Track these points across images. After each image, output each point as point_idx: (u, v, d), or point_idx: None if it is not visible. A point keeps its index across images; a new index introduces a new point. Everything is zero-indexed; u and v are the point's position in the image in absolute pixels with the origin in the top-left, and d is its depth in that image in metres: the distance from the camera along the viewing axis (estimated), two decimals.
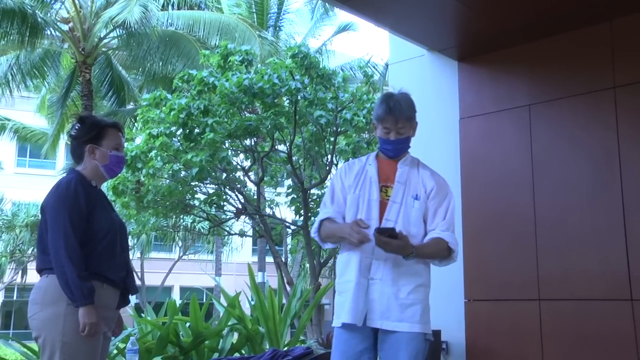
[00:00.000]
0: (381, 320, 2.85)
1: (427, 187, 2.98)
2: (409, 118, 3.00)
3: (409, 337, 2.83)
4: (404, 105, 2.98)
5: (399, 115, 2.96)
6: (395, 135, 2.98)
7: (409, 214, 2.93)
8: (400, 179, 2.98)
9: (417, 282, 2.89)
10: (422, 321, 2.86)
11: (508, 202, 4.92)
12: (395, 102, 2.97)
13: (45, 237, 2.86)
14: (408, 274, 2.87)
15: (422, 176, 3.02)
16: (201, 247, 27.22)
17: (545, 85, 4.92)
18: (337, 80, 9.56)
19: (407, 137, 3.02)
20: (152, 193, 9.77)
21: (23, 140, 22.39)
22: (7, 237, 25.61)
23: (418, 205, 2.94)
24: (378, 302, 2.85)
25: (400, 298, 2.84)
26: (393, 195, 2.95)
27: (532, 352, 4.61)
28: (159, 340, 5.33)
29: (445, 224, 2.93)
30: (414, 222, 2.93)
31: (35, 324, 2.83)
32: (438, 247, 2.89)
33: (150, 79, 16.14)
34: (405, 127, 2.99)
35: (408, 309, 2.85)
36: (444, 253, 2.91)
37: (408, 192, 2.96)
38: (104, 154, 3.04)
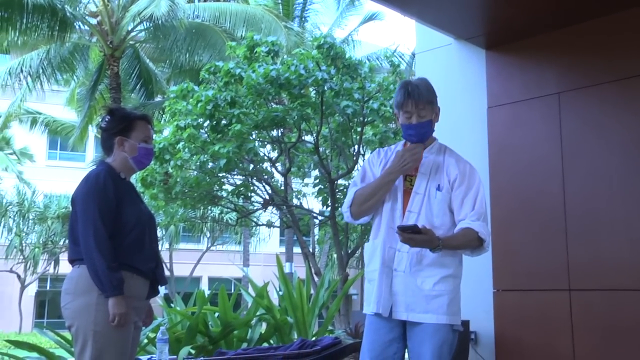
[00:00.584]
0: (407, 312, 2.83)
1: (451, 176, 2.91)
2: (429, 101, 2.93)
3: (435, 328, 2.80)
4: (423, 89, 2.93)
5: (419, 98, 2.90)
6: (417, 119, 2.92)
7: (431, 205, 2.87)
8: (423, 169, 2.93)
9: (443, 273, 2.83)
10: (449, 312, 2.81)
11: (537, 191, 4.87)
12: (414, 86, 2.93)
13: (76, 228, 2.90)
14: (433, 266, 2.83)
15: (447, 165, 2.94)
16: (229, 238, 27.39)
17: (574, 73, 4.85)
18: (364, 70, 9.52)
19: (429, 121, 2.94)
20: (180, 184, 9.84)
21: (54, 133, 22.77)
22: (39, 228, 26.07)
23: (440, 197, 2.88)
24: (403, 295, 2.83)
25: (424, 290, 2.81)
26: (416, 186, 2.91)
27: (563, 343, 4.56)
28: (188, 330, 5.39)
29: (476, 214, 2.84)
30: (436, 213, 2.87)
31: (68, 314, 2.88)
32: (467, 238, 2.81)
33: (177, 71, 16.26)
34: (426, 110, 2.92)
35: (434, 300, 2.81)
36: (473, 244, 2.83)
37: (432, 182, 2.91)
38: (133, 146, 3.06)
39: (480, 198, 2.89)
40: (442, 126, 5.68)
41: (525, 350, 4.75)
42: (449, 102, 5.58)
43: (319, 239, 19.43)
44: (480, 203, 2.87)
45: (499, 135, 5.15)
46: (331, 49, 9.23)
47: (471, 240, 2.82)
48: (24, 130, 23.44)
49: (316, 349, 4.37)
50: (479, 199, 2.88)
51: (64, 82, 18.94)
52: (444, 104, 5.64)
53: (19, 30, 13.71)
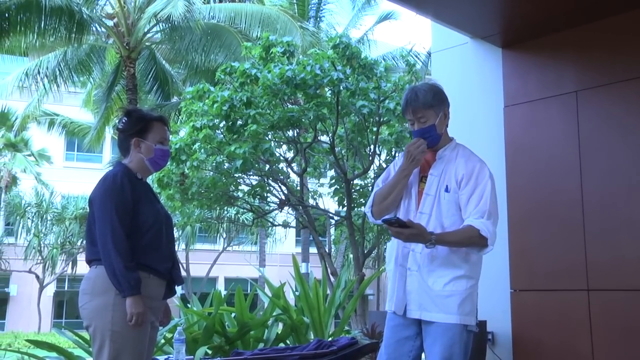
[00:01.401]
0: (420, 311, 2.87)
1: (458, 176, 2.91)
2: (428, 106, 2.94)
3: (445, 327, 2.81)
4: (421, 95, 2.95)
5: (415, 105, 2.93)
6: (418, 125, 2.96)
7: (441, 206, 2.89)
8: (434, 171, 2.96)
9: (454, 274, 2.84)
10: (460, 312, 2.82)
11: (554, 190, 4.83)
12: (413, 93, 2.97)
13: (94, 229, 2.92)
14: (444, 266, 2.84)
15: (457, 165, 2.94)
16: (245, 238, 27.48)
17: (593, 71, 4.81)
18: (379, 70, 9.50)
19: (432, 126, 2.94)
20: (197, 185, 9.88)
21: (71, 134, 22.96)
22: (57, 229, 26.30)
23: (448, 197, 2.89)
24: (416, 294, 2.87)
25: (435, 290, 2.84)
26: (427, 188, 2.94)
27: (581, 344, 4.52)
28: (205, 330, 5.41)
29: (479, 211, 2.83)
30: (445, 213, 2.88)
31: (86, 314, 2.90)
32: (465, 234, 2.80)
33: (193, 72, 16.31)
34: (425, 116, 2.94)
35: (445, 300, 2.82)
36: (474, 240, 2.81)
37: (442, 183, 2.92)
38: (149, 147, 3.08)
39: (487, 196, 2.86)
40: (458, 126, 5.66)
41: (544, 350, 4.72)
42: (465, 101, 5.55)
43: (335, 239, 19.42)
44: (485, 201, 2.86)
45: (515, 135, 5.12)
46: (347, 49, 9.22)
47: (471, 237, 2.81)
48: (41, 132, 23.67)
49: (333, 349, 4.36)
50: (484, 196, 2.86)
51: (80, 84, 19.09)
52: (460, 103, 5.64)
53: (36, 33, 13.83)
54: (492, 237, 2.82)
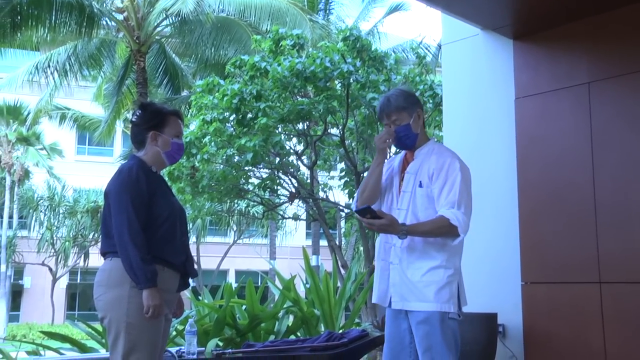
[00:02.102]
0: (402, 302, 3.06)
1: (430, 171, 3.10)
2: (402, 108, 3.17)
3: (423, 315, 2.99)
4: (392, 99, 3.19)
5: (388, 110, 3.18)
6: (393, 127, 3.18)
7: (416, 202, 3.09)
8: (411, 169, 3.16)
9: (431, 264, 3.01)
10: (437, 299, 2.97)
11: (566, 182, 4.81)
12: (385, 99, 3.22)
13: (109, 221, 2.94)
14: (421, 258, 3.03)
15: (430, 162, 3.13)
16: (255, 231, 27.54)
17: (605, 62, 4.77)
18: (389, 62, 9.47)
19: (406, 125, 3.16)
20: (207, 178, 9.90)
21: (82, 128, 23.07)
22: (69, 222, 26.47)
23: (422, 192, 3.09)
24: (398, 286, 3.06)
25: (413, 281, 3.02)
26: (404, 185, 3.16)
27: (593, 337, 4.51)
28: (216, 322, 5.43)
29: (449, 202, 3.00)
30: (420, 208, 3.07)
31: (101, 305, 2.92)
32: (436, 224, 2.98)
33: (203, 65, 16.32)
34: (399, 118, 3.16)
35: (422, 289, 3.00)
36: (444, 230, 2.97)
37: (417, 180, 3.12)
38: (166, 140, 3.10)
39: (457, 187, 3.03)
40: (469, 118, 5.66)
41: (555, 343, 4.71)
42: (475, 93, 5.53)
43: (345, 231, 19.41)
44: (454, 191, 3.02)
45: (527, 127, 5.09)
46: (357, 41, 9.19)
47: (441, 227, 2.97)
48: (53, 126, 23.80)
49: (344, 341, 4.38)
50: (454, 187, 3.03)
51: (91, 77, 19.16)
52: (471, 95, 5.62)
53: (47, 27, 13.89)
54: (462, 225, 2.97)
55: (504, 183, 5.15)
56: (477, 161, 5.19)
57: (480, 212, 5.06)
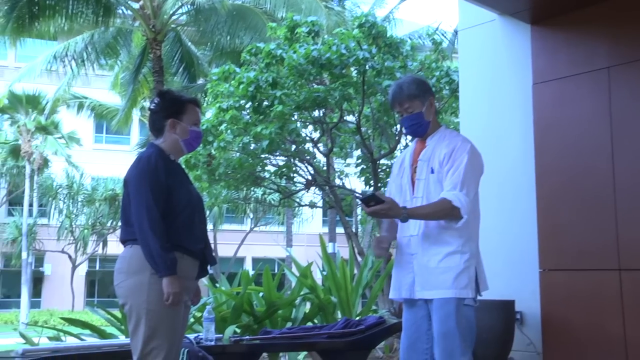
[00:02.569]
0: (422, 291, 3.06)
1: (441, 157, 3.09)
2: (414, 96, 3.16)
3: (441, 302, 2.99)
4: (405, 87, 3.18)
5: (400, 97, 3.17)
6: (405, 115, 3.19)
7: (429, 188, 3.09)
8: (423, 156, 3.18)
9: (447, 250, 3.02)
10: (455, 286, 2.98)
11: (585, 168, 4.76)
12: (397, 86, 3.21)
13: (129, 209, 2.96)
14: (437, 244, 3.03)
15: (441, 147, 3.13)
16: (272, 219, 27.63)
17: (625, 46, 4.70)
18: (405, 48, 9.40)
19: (419, 113, 3.16)
20: (223, 166, 9.91)
21: (99, 117, 23.25)
22: (88, 210, 26.74)
23: (434, 178, 3.09)
24: (418, 275, 3.07)
25: (431, 268, 3.03)
26: (418, 173, 3.16)
27: (613, 324, 4.48)
28: (233, 309, 5.47)
29: (451, 183, 3.01)
30: (434, 194, 3.06)
31: (121, 292, 2.95)
32: (437, 207, 2.98)
33: (219, 53, 16.33)
34: (411, 106, 3.16)
35: (440, 276, 3.00)
36: (447, 212, 2.97)
37: (429, 167, 3.12)
38: (185, 128, 3.11)
39: (462, 168, 3.02)
40: (486, 104, 5.61)
41: (574, 330, 4.68)
42: (492, 79, 5.48)
43: (361, 219, 19.40)
44: (458, 173, 3.02)
45: (544, 113, 5.04)
46: (372, 28, 9.13)
47: (443, 209, 2.98)
48: (71, 115, 23.98)
49: (361, 328, 4.39)
50: (459, 169, 3.03)
51: (108, 66, 19.26)
52: (488, 81, 5.57)
53: (65, 17, 13.96)
54: (465, 206, 2.97)
55: (521, 169, 5.11)
56: (494, 147, 5.16)
57: (498, 198, 5.03)
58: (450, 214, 2.98)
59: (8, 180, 28.14)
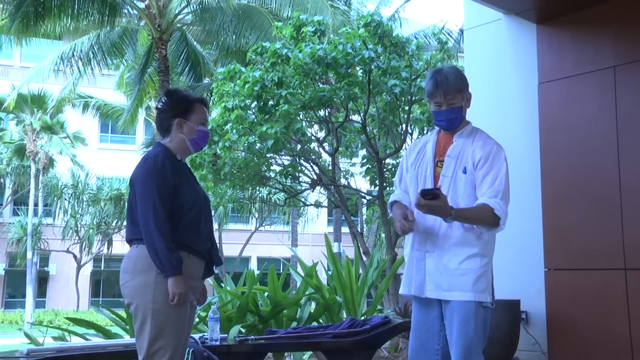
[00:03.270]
0: (437, 291, 2.97)
1: (476, 158, 2.99)
2: (459, 90, 3.03)
3: (460, 304, 2.91)
4: (451, 78, 3.03)
5: (447, 88, 3.01)
6: (446, 107, 3.03)
7: (457, 187, 2.98)
8: (451, 152, 3.04)
9: (468, 252, 2.93)
10: (475, 289, 2.91)
11: (591, 168, 4.75)
12: (443, 76, 3.03)
13: (135, 209, 2.95)
14: (458, 245, 2.94)
15: (475, 147, 3.02)
16: (277, 218, 27.63)
17: (631, 45, 4.69)
18: (411, 48, 9.38)
19: (459, 108, 3.05)
20: (229, 165, 9.93)
21: (105, 116, 23.29)
22: (93, 210, 26.79)
23: (465, 179, 2.98)
24: (433, 274, 2.97)
25: (450, 269, 2.94)
26: (444, 169, 3.02)
27: (618, 324, 4.47)
28: (238, 309, 5.47)
29: (493, 191, 2.91)
30: (461, 194, 2.97)
31: (127, 292, 2.95)
32: (481, 212, 2.89)
33: (224, 52, 16.34)
34: (455, 99, 3.03)
35: (460, 278, 2.92)
36: (488, 219, 2.89)
37: (459, 165, 3.00)
38: (192, 128, 3.10)
39: (501, 177, 2.95)
40: (492, 103, 5.60)
41: (580, 330, 4.67)
42: (498, 78, 5.47)
43: (367, 218, 19.40)
44: (500, 181, 2.94)
45: (550, 112, 5.03)
46: (378, 27, 9.12)
47: (486, 216, 2.89)
48: (76, 114, 24.03)
49: (366, 327, 4.39)
50: (499, 177, 2.94)
51: (114, 66, 19.29)
52: (494, 80, 5.56)
53: (70, 17, 14.00)
54: (504, 217, 2.91)
55: (527, 168, 5.10)
56: None
57: None
58: (491, 222, 2.90)
59: (13, 180, 28.22)
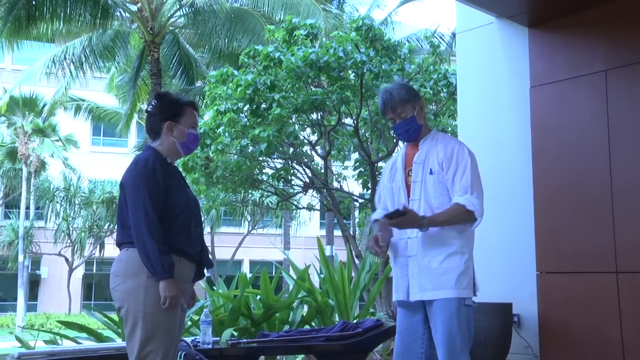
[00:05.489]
0: (421, 293, 3.07)
1: (439, 158, 3.13)
2: (405, 101, 3.21)
3: (444, 302, 3.01)
4: (395, 93, 3.22)
5: (393, 104, 3.21)
6: (399, 121, 3.22)
7: (427, 190, 3.12)
8: (417, 159, 3.20)
9: (448, 251, 3.05)
10: (457, 286, 3.01)
11: (582, 171, 4.77)
12: (387, 93, 3.25)
13: (125, 212, 2.95)
14: (437, 245, 3.05)
15: (438, 149, 3.16)
16: (270, 222, 27.62)
17: (623, 49, 4.71)
18: (403, 51, 9.41)
19: (412, 118, 3.21)
20: (221, 169, 9.91)
21: (97, 119, 23.24)
22: (85, 213, 26.69)
23: (433, 179, 3.12)
24: (416, 277, 3.08)
25: (432, 269, 3.04)
26: (413, 176, 3.18)
27: (610, 328, 4.48)
28: (231, 312, 5.46)
29: (461, 188, 3.05)
30: (433, 195, 3.10)
31: (118, 295, 2.94)
32: (453, 212, 3.02)
33: (217, 56, 16.33)
34: (404, 111, 3.21)
35: (442, 277, 3.02)
36: (462, 217, 3.03)
37: (426, 168, 3.15)
38: (182, 131, 3.10)
39: (467, 172, 3.08)
40: (483, 107, 5.62)
41: (571, 333, 4.68)
42: (490, 82, 5.49)
43: (359, 221, 19.40)
44: (466, 177, 3.07)
45: (542, 115, 5.05)
46: (370, 31, 9.14)
47: (458, 214, 3.03)
48: (68, 117, 23.94)
49: (358, 331, 4.38)
50: (465, 173, 3.08)
51: (106, 69, 19.25)
52: (486, 84, 5.58)
53: (62, 19, 13.96)
54: (478, 209, 3.03)
55: (518, 172, 5.11)
56: (491, 150, 5.16)
57: (495, 201, 5.03)
58: (466, 219, 3.04)
59: (5, 183, 28.09)
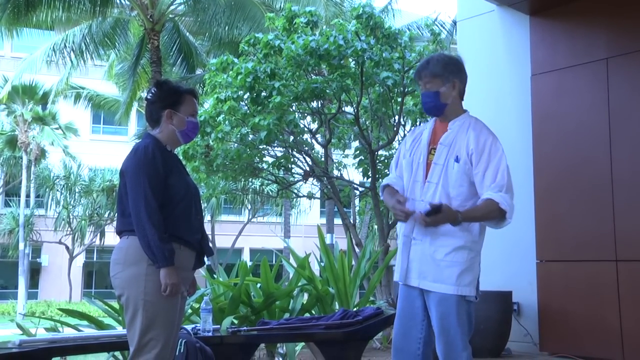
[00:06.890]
0: (419, 280, 2.94)
1: (469, 148, 2.95)
2: (435, 75, 3.03)
3: (441, 297, 2.89)
4: (432, 63, 3.05)
5: (423, 71, 3.04)
6: (424, 90, 3.08)
7: (448, 176, 2.94)
8: (444, 140, 3.01)
9: (455, 244, 2.90)
10: (458, 283, 2.88)
11: (583, 160, 4.76)
12: (424, 62, 3.09)
13: (125, 200, 2.95)
14: (447, 236, 2.90)
15: (469, 137, 2.98)
16: (270, 210, 27.64)
17: (624, 37, 4.70)
18: (404, 39, 9.36)
19: (436, 92, 3.02)
20: (221, 157, 9.89)
21: (97, 107, 23.21)
22: (85, 201, 26.72)
23: (458, 168, 2.94)
24: (418, 262, 2.94)
25: (437, 259, 2.91)
26: (436, 157, 2.99)
27: (609, 314, 4.50)
28: (231, 300, 5.47)
29: (497, 186, 2.88)
30: (453, 183, 2.93)
31: (118, 283, 2.94)
32: (488, 209, 2.85)
33: (217, 44, 16.28)
34: (432, 83, 3.02)
35: (445, 270, 2.89)
36: (495, 215, 2.87)
37: (452, 153, 2.97)
38: (182, 119, 3.10)
39: (503, 170, 2.91)
40: (484, 94, 5.60)
41: (571, 321, 4.70)
42: (491, 70, 5.47)
43: (359, 210, 19.42)
44: (502, 175, 2.90)
45: (543, 103, 5.04)
46: (370, 19, 9.09)
47: (492, 211, 2.86)
48: (68, 105, 23.91)
49: (358, 319, 4.40)
50: (500, 170, 2.91)
51: (106, 57, 19.20)
52: (487, 72, 5.57)
53: (62, 7, 13.90)
54: (510, 210, 2.87)
55: (519, 160, 5.11)
56: None
57: None
58: (498, 217, 2.87)
59: (5, 171, 28.09)
